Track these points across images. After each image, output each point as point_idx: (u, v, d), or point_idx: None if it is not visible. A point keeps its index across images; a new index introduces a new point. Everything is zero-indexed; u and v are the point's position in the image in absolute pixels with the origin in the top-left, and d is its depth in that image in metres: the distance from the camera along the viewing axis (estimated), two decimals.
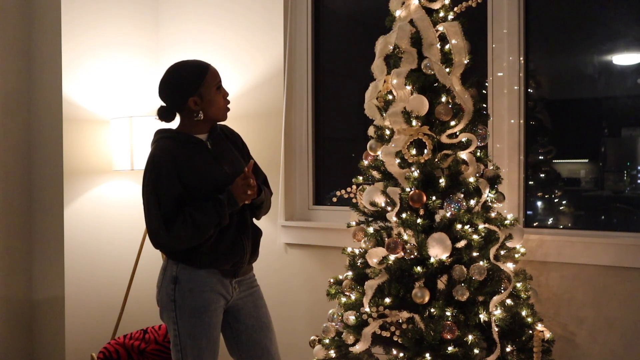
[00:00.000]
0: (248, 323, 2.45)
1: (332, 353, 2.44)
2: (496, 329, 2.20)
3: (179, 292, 2.32)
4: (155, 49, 3.80)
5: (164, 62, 3.77)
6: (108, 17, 3.55)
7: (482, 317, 2.21)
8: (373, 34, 2.48)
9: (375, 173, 2.45)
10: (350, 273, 2.47)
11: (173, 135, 2.38)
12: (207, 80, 2.34)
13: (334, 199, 2.70)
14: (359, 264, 2.43)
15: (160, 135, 2.40)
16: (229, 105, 2.44)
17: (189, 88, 2.33)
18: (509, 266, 2.32)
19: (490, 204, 2.36)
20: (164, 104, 2.41)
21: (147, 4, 3.76)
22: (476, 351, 2.19)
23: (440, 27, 2.33)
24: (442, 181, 2.26)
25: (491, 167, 2.42)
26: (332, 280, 2.54)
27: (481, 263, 2.21)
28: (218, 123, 2.48)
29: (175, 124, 2.47)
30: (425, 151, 2.25)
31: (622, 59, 2.71)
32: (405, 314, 2.24)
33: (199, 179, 2.32)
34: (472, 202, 2.27)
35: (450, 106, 2.28)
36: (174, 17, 3.75)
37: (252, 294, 2.48)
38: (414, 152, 2.27)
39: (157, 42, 3.81)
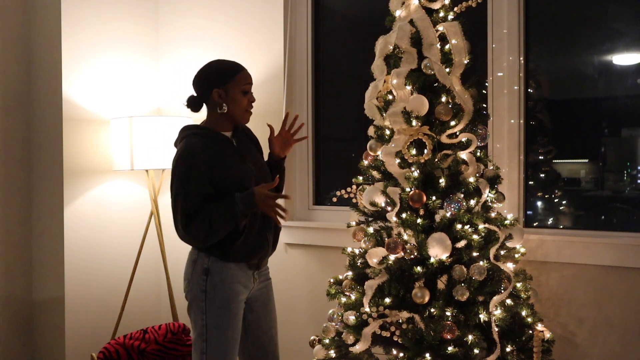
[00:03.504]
0: (260, 312, 2.55)
1: (332, 353, 2.44)
2: (496, 329, 2.20)
3: (210, 283, 2.39)
4: (155, 49, 3.80)
5: (164, 62, 3.77)
6: (108, 17, 3.55)
7: (482, 317, 2.21)
8: (373, 34, 2.48)
9: (375, 173, 2.45)
10: (350, 273, 2.47)
11: (201, 131, 2.43)
12: (236, 78, 2.41)
13: (334, 199, 2.70)
14: (359, 264, 2.43)
15: (189, 131, 2.45)
16: (251, 111, 2.48)
17: (217, 80, 2.41)
18: (509, 266, 2.32)
19: (490, 204, 2.36)
20: (195, 94, 2.48)
21: (147, 4, 3.76)
22: (476, 351, 2.19)
23: (440, 27, 2.32)
24: (442, 181, 2.26)
25: (491, 167, 2.42)
26: (332, 280, 2.54)
27: (481, 263, 2.21)
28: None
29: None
30: (425, 151, 2.25)
31: (622, 59, 2.71)
32: (405, 314, 2.24)
33: (227, 175, 2.37)
34: (472, 202, 2.27)
35: (450, 106, 2.28)
36: (174, 16, 3.75)
37: (266, 286, 2.59)
38: (414, 152, 2.27)
39: (157, 42, 3.81)
